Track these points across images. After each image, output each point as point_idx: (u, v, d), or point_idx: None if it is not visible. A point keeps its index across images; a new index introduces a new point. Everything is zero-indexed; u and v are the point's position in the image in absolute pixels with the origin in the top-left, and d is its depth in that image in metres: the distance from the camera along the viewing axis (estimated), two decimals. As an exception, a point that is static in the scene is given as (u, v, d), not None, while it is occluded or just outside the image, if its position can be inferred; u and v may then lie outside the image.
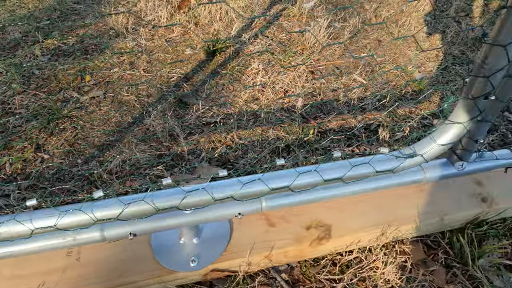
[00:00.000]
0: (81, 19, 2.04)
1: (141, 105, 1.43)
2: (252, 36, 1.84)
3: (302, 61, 1.64)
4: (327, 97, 1.46)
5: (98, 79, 1.58)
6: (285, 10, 2.06)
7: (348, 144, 1.25)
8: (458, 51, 1.68)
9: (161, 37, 1.86)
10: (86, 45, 1.80)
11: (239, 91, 1.49)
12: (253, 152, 1.22)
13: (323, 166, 0.76)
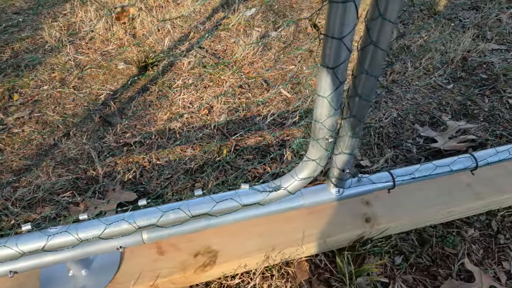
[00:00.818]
0: (19, 31, 2.01)
1: (65, 126, 1.44)
2: (188, 48, 1.85)
3: (232, 74, 1.67)
4: (251, 112, 1.50)
5: (27, 98, 1.58)
6: (225, 19, 2.07)
7: (261, 162, 1.29)
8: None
9: (97, 50, 1.86)
10: (20, 60, 1.79)
11: (165, 108, 1.52)
12: (168, 173, 1.25)
13: (191, 201, 0.80)
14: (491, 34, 1.90)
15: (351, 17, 0.55)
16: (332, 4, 0.54)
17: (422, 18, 2.05)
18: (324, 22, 0.58)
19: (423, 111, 1.47)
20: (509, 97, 1.51)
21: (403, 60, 1.71)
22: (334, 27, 0.56)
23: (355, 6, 0.54)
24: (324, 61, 0.62)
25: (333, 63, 0.61)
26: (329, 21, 0.56)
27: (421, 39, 1.85)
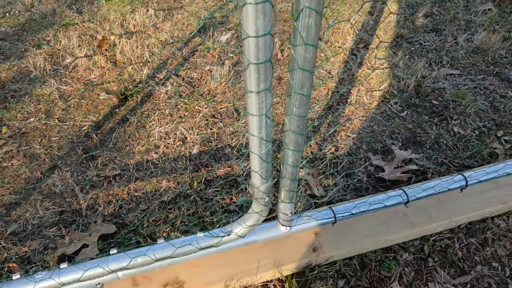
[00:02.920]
0: (5, 59, 2.12)
1: (51, 159, 1.58)
2: (166, 76, 1.98)
3: (205, 104, 1.80)
4: (221, 142, 1.64)
5: (15, 130, 1.71)
6: (201, 45, 2.19)
7: (229, 192, 1.44)
8: (344, 90, 1.88)
9: (80, 79, 1.98)
10: (6, 92, 1.90)
11: (143, 139, 1.65)
12: (144, 204, 1.40)
13: (156, 246, 0.95)
14: (447, 58, 2.06)
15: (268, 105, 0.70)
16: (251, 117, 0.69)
17: (383, 40, 2.19)
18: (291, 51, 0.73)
19: (377, 139, 1.63)
20: (454, 125, 1.67)
21: (362, 90, 1.86)
22: (253, 127, 0.71)
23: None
24: (252, 131, 0.76)
25: (258, 132, 0.76)
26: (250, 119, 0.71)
27: (381, 66, 2.01)
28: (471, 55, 2.08)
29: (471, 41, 2.16)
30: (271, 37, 0.55)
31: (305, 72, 0.64)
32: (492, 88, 1.87)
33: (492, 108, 1.76)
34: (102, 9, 2.53)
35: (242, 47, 0.58)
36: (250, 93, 0.64)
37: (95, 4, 2.60)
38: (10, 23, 2.43)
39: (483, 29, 2.23)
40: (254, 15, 0.51)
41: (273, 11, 0.65)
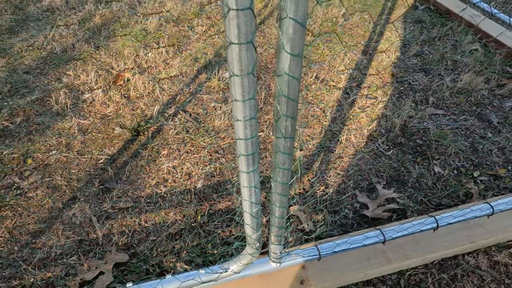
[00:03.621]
0: (29, 92, 2.34)
1: (71, 190, 1.77)
2: (174, 112, 2.18)
3: (210, 140, 1.99)
4: (223, 177, 1.82)
5: (38, 162, 1.91)
6: (207, 82, 2.40)
7: (228, 225, 1.61)
8: (336, 129, 2.06)
9: (96, 113, 2.18)
10: (31, 124, 2.11)
11: (153, 173, 1.84)
12: (154, 235, 1.58)
13: (164, 280, 1.12)
14: (433, 98, 2.23)
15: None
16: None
17: (375, 79, 2.38)
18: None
19: (363, 177, 1.80)
20: (435, 164, 1.84)
21: (352, 129, 2.03)
22: (244, 195, 0.89)
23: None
24: (244, 197, 0.94)
25: (249, 198, 0.94)
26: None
27: (371, 105, 2.18)
28: (456, 95, 2.26)
29: (456, 81, 2.34)
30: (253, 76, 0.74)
31: (285, 154, 0.82)
32: (473, 128, 2.03)
33: (471, 149, 1.92)
34: (117, 43, 2.76)
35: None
36: (242, 173, 0.82)
37: (110, 38, 2.83)
38: (33, 57, 2.66)
39: (468, 70, 2.41)
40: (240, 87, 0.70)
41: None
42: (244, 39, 0.58)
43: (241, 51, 0.60)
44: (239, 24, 0.55)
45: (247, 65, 0.62)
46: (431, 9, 3.09)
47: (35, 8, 3.25)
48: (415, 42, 2.70)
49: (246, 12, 0.54)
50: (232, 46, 0.59)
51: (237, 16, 0.54)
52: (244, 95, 0.67)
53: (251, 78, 0.65)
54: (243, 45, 0.58)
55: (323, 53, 2.60)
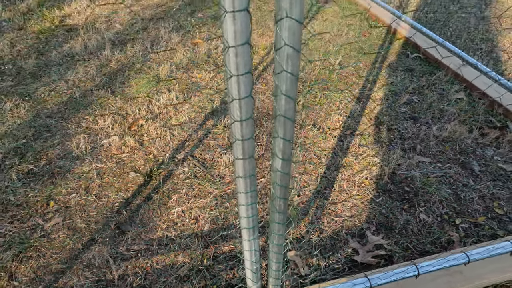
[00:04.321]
0: (51, 136, 2.56)
1: (90, 232, 1.95)
2: (184, 157, 2.39)
3: (216, 186, 2.19)
4: (227, 221, 2.01)
5: (60, 204, 2.10)
6: (214, 128, 2.62)
7: (232, 268, 1.78)
8: (331, 176, 2.25)
9: (113, 157, 2.39)
10: (53, 167, 2.32)
11: (164, 216, 2.03)
12: (164, 277, 1.75)
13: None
14: (420, 146, 2.43)
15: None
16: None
17: (368, 127, 2.59)
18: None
19: (355, 223, 1.98)
20: (421, 211, 2.02)
21: (345, 176, 2.23)
22: (247, 257, 1.07)
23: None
24: (247, 266, 1.12)
25: (250, 267, 1.12)
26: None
27: (363, 152, 2.39)
28: (442, 143, 2.46)
29: (443, 130, 2.55)
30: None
31: (279, 224, 1.01)
32: (456, 177, 2.22)
33: (454, 196, 2.10)
34: (131, 89, 3.01)
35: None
36: (244, 240, 1.01)
37: (125, 83, 3.09)
38: (55, 101, 2.91)
39: (454, 119, 2.62)
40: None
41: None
42: (242, 71, 0.71)
43: (239, 83, 0.73)
44: (237, 54, 0.68)
45: (245, 91, 0.75)
46: (421, 58, 3.35)
47: (56, 53, 3.54)
48: (406, 91, 2.94)
49: (244, 47, 0.68)
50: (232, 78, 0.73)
51: (235, 54, 0.68)
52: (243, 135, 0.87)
53: (250, 122, 0.82)
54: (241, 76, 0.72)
55: (320, 101, 2.83)
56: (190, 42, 3.68)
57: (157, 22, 4.08)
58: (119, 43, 3.69)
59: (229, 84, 0.72)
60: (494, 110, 2.69)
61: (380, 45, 3.60)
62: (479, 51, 3.44)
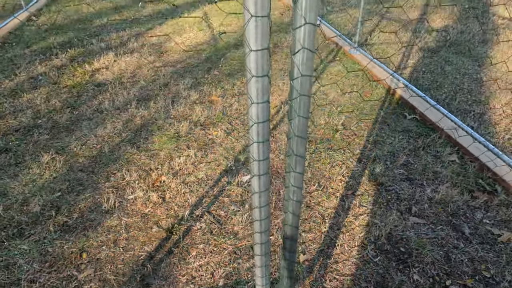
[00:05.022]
0: (83, 190, 2.87)
1: (118, 284, 2.20)
2: (201, 213, 2.66)
3: (230, 241, 2.44)
4: (240, 276, 2.24)
5: (91, 256, 2.36)
6: (228, 185, 2.91)
7: (244, 322, 2.00)
8: (332, 236, 2.49)
9: (138, 212, 2.68)
10: (85, 221, 2.61)
11: (184, 270, 2.27)
12: (184, 329, 1.97)
13: None
14: (415, 208, 2.68)
15: None
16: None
17: (367, 187, 2.85)
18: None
19: (355, 282, 2.20)
20: (414, 272, 2.23)
21: (346, 236, 2.47)
22: None
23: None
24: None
25: None
26: None
27: (363, 213, 2.64)
28: (435, 205, 2.70)
29: (436, 192, 2.80)
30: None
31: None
32: (448, 238, 2.45)
33: (445, 258, 2.32)
34: (154, 145, 3.35)
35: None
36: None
37: (149, 139, 3.43)
38: (86, 155, 3.25)
39: (447, 181, 2.88)
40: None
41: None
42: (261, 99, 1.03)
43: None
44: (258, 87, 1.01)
45: (263, 117, 1.08)
46: (417, 119, 3.66)
47: (87, 107, 3.94)
48: (403, 151, 3.22)
49: (264, 105, 0.98)
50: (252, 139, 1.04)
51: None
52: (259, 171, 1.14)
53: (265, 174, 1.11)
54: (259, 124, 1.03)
55: (324, 161, 3.12)
56: (207, 99, 4.07)
57: (177, 79, 4.51)
58: (143, 99, 4.09)
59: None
60: (484, 173, 2.94)
61: (380, 105, 3.94)
62: (472, 113, 3.75)
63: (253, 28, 0.86)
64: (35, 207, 2.71)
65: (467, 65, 4.75)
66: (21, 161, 3.17)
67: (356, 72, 4.64)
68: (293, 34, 0.93)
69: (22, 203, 2.74)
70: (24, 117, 3.79)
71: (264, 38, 0.88)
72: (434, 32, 5.74)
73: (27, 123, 3.70)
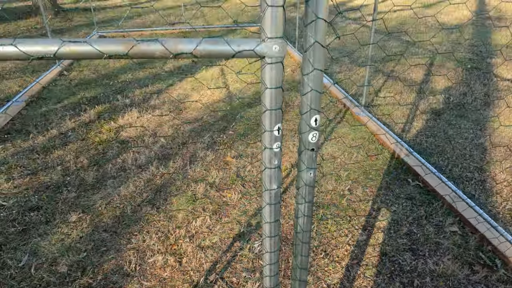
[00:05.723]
0: (107, 251, 3.11)
1: None
2: (214, 279, 2.85)
3: (241, 310, 2.61)
4: None
5: (113, 320, 2.55)
6: (241, 251, 3.11)
7: None
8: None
9: (156, 276, 2.88)
10: (108, 283, 2.82)
11: (197, 339, 2.44)
12: None
13: None
14: (417, 281, 2.82)
15: None
16: None
17: (372, 257, 3.01)
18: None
19: None
20: None
21: (351, 309, 2.61)
22: None
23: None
24: None
25: None
26: None
27: (367, 285, 2.79)
28: (437, 278, 2.84)
29: (438, 264, 2.94)
30: None
31: None
32: (448, 315, 2.57)
33: (446, 336, 2.43)
34: (172, 206, 3.61)
35: None
36: None
37: (167, 200, 3.70)
38: (110, 215, 3.51)
39: (448, 253, 3.03)
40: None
41: None
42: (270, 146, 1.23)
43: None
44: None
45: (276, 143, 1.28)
46: (420, 186, 3.86)
47: (112, 166, 4.27)
48: (406, 220, 3.40)
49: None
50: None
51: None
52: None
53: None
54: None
55: (330, 228, 3.32)
56: (222, 159, 4.37)
57: (195, 137, 4.85)
58: (163, 158, 4.42)
59: (264, 174, 1.24)
60: (484, 246, 3.09)
61: (385, 170, 4.16)
62: (473, 181, 3.93)
63: (268, 95, 1.09)
64: (62, 267, 2.94)
65: (470, 129, 4.99)
66: (51, 219, 3.45)
67: (362, 133, 4.92)
68: (301, 99, 1.18)
69: (51, 263, 2.98)
70: (55, 174, 4.13)
71: (278, 101, 1.11)
72: (437, 93, 6.06)
73: (57, 180, 4.03)
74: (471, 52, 8.12)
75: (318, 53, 1.07)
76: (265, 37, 0.98)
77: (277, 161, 1.21)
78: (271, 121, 1.12)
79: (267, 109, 1.10)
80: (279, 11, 0.93)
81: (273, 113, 1.10)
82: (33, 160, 4.38)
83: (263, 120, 1.13)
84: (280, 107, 1.11)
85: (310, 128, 1.19)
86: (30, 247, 3.13)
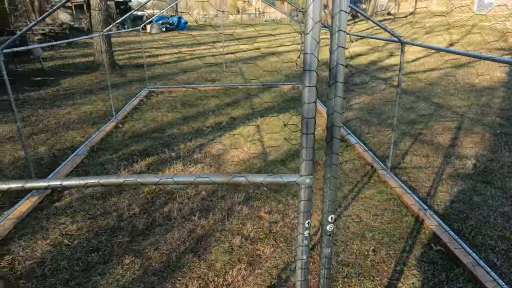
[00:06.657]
0: (154, 293, 3.56)
1: None
2: (247, 326, 3.20)
3: None
4: None
5: None
6: (271, 302, 3.46)
7: None
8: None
9: (196, 319, 3.28)
10: (155, 322, 3.25)
11: None
12: None
13: None
14: None
15: None
16: None
17: (394, 320, 3.24)
18: None
19: None
20: None
21: None
22: None
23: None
24: None
25: None
26: None
27: None
28: None
29: (456, 330, 3.12)
30: None
31: None
32: None
33: None
34: (211, 255, 4.05)
35: None
36: None
37: (207, 250, 4.15)
38: (158, 260, 4.00)
39: (467, 321, 3.20)
40: None
41: None
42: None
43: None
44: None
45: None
46: (443, 251, 4.08)
47: (159, 214, 4.85)
48: (427, 285, 3.62)
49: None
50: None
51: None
52: None
53: None
54: None
55: (354, 287, 3.60)
56: (256, 214, 4.83)
57: (232, 192, 5.38)
58: (204, 210, 4.95)
59: (298, 238, 1.65)
60: (504, 316, 3.23)
61: (409, 233, 4.42)
62: (496, 249, 4.10)
63: (302, 206, 1.56)
64: (117, 305, 3.42)
65: (495, 196, 5.17)
66: (108, 261, 4.00)
67: (387, 195, 5.23)
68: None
69: (108, 301, 3.47)
70: (111, 219, 4.76)
71: (310, 169, 1.57)
72: (464, 158, 6.30)
73: (113, 225, 4.65)
74: (501, 116, 8.34)
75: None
76: (302, 174, 1.52)
77: (307, 241, 1.69)
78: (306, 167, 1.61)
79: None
80: (309, 156, 1.47)
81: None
82: (93, 206, 5.06)
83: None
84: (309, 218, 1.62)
85: (328, 222, 1.69)
86: (91, 284, 3.66)
